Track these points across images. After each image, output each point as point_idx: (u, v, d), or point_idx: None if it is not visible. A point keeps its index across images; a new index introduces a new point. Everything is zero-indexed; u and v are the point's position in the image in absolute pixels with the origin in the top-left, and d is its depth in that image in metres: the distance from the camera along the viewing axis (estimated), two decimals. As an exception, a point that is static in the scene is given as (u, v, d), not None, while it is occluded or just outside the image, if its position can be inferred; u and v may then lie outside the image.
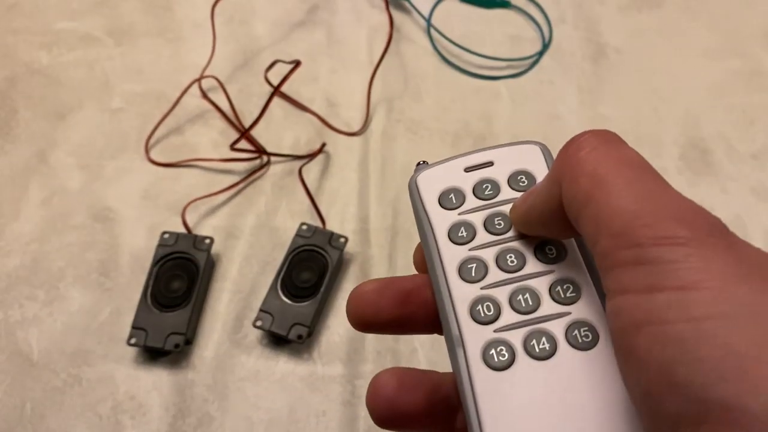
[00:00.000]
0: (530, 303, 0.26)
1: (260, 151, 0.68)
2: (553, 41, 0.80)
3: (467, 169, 0.29)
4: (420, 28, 0.80)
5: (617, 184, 0.21)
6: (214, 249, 0.63)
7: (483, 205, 0.28)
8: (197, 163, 0.69)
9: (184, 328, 0.57)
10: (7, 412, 0.56)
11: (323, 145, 0.70)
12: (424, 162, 0.30)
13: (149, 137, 0.70)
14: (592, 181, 0.22)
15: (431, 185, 0.29)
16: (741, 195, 0.70)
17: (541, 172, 0.28)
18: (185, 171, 0.69)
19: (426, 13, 0.80)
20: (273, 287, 0.59)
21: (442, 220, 0.28)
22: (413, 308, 0.28)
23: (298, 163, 0.68)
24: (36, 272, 0.62)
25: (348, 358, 0.59)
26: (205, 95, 0.73)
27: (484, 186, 0.28)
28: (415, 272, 0.30)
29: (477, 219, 0.28)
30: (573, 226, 0.23)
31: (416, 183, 0.29)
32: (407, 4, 0.81)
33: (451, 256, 0.27)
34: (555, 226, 0.25)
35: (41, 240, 0.64)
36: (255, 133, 0.70)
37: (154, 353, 0.59)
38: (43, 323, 0.60)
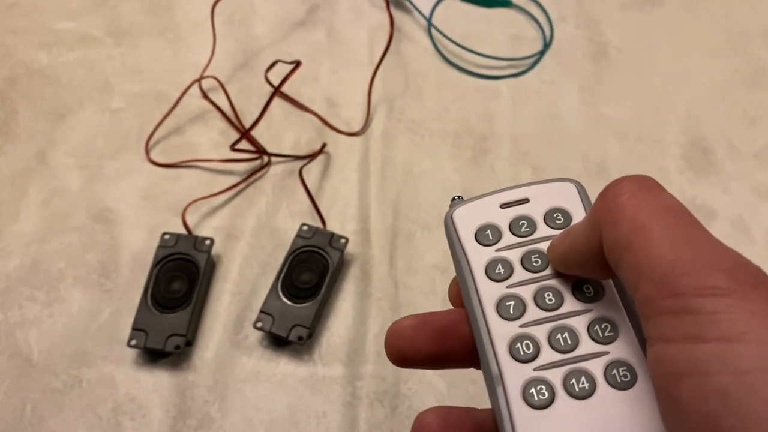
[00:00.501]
0: (569, 342, 0.26)
1: (261, 151, 0.68)
2: (554, 40, 0.79)
3: (503, 206, 0.29)
4: (421, 27, 0.80)
5: (657, 231, 0.22)
6: (215, 250, 0.63)
7: (520, 242, 0.28)
8: (197, 163, 0.69)
9: (184, 329, 0.57)
10: (7, 413, 0.56)
11: (324, 145, 0.69)
12: (459, 197, 0.31)
13: (149, 137, 0.70)
14: (632, 227, 0.22)
15: (467, 221, 0.29)
16: (743, 195, 0.69)
17: (576, 209, 0.29)
18: (185, 171, 0.68)
19: (427, 13, 0.80)
20: (273, 288, 0.59)
21: (479, 257, 0.28)
22: (450, 344, 0.28)
23: (298, 164, 0.68)
24: (36, 273, 0.62)
25: (348, 360, 0.59)
26: (205, 95, 0.73)
27: (520, 223, 0.29)
28: (450, 306, 0.30)
29: (514, 256, 0.28)
30: (612, 269, 0.23)
31: (452, 218, 0.30)
32: (408, 4, 0.80)
33: (489, 293, 0.27)
34: (594, 268, 0.25)
35: (41, 241, 0.64)
36: (255, 133, 0.70)
37: (154, 354, 0.58)
38: (43, 324, 0.60)
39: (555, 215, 0.28)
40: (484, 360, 0.27)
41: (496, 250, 0.28)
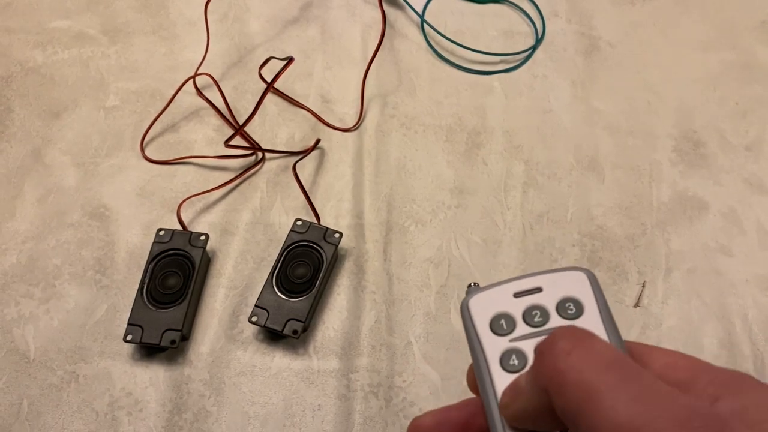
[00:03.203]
0: None
1: (255, 147, 0.69)
2: (546, 35, 0.80)
3: (516, 294, 0.30)
4: (413, 23, 0.81)
5: (604, 392, 0.21)
6: (210, 245, 0.63)
7: (533, 333, 0.29)
8: (192, 160, 0.69)
9: (180, 324, 0.57)
10: (4, 409, 0.56)
11: (317, 141, 0.70)
12: (475, 284, 0.31)
13: (144, 135, 0.70)
14: (578, 392, 0.22)
15: (482, 309, 0.30)
16: (735, 187, 0.70)
17: (587, 299, 0.29)
18: (180, 168, 0.69)
19: (419, 9, 0.80)
20: (268, 283, 0.60)
21: (494, 347, 0.29)
22: None
23: (292, 160, 0.68)
24: (32, 270, 0.62)
25: (343, 353, 0.59)
26: (199, 92, 0.73)
27: (533, 312, 0.29)
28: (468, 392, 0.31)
29: (528, 347, 0.28)
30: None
31: (468, 307, 0.30)
32: (401, 0, 0.81)
33: (504, 384, 0.28)
34: (549, 425, 0.25)
35: (37, 238, 0.64)
36: (249, 129, 0.70)
37: (150, 349, 0.59)
38: (39, 321, 0.60)
39: (567, 305, 0.29)
40: None
41: (510, 341, 0.29)
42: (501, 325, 0.29)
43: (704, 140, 0.73)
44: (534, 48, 0.79)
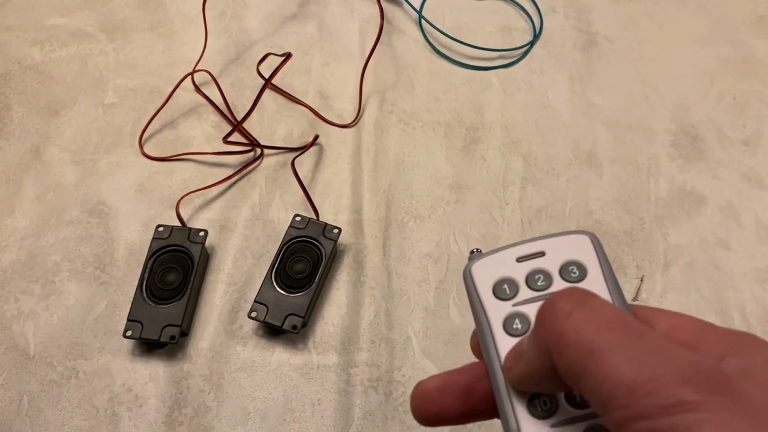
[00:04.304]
0: None
1: (253, 143, 0.69)
2: (544, 31, 0.80)
3: (519, 259, 0.29)
4: (411, 19, 0.81)
5: (605, 351, 0.21)
6: (209, 242, 0.63)
7: (536, 297, 0.28)
8: (191, 156, 0.69)
9: (179, 320, 0.58)
10: (4, 405, 0.56)
11: (316, 137, 0.70)
12: (477, 250, 0.31)
13: (143, 132, 0.70)
14: (579, 352, 0.22)
15: (485, 275, 0.29)
16: (732, 181, 0.70)
17: (591, 262, 0.29)
18: (179, 165, 0.69)
19: (417, 5, 0.80)
20: (267, 278, 0.60)
21: (497, 311, 0.28)
22: (475, 401, 0.28)
23: (291, 156, 0.68)
24: (31, 267, 0.63)
25: (343, 348, 0.59)
26: (198, 89, 0.73)
27: (536, 277, 0.29)
28: (473, 358, 0.30)
29: (531, 311, 0.28)
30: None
31: (470, 272, 0.30)
32: (398, -4, 0.81)
33: (507, 347, 0.27)
34: (553, 386, 0.25)
35: (36, 235, 0.64)
36: (248, 126, 0.70)
37: (150, 345, 0.59)
38: (39, 317, 0.60)
39: (570, 268, 0.29)
40: (503, 415, 0.27)
41: (514, 305, 0.28)
42: (504, 289, 0.29)
43: (702, 135, 0.73)
44: (532, 44, 0.79)
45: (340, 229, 0.62)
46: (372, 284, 0.63)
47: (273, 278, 0.60)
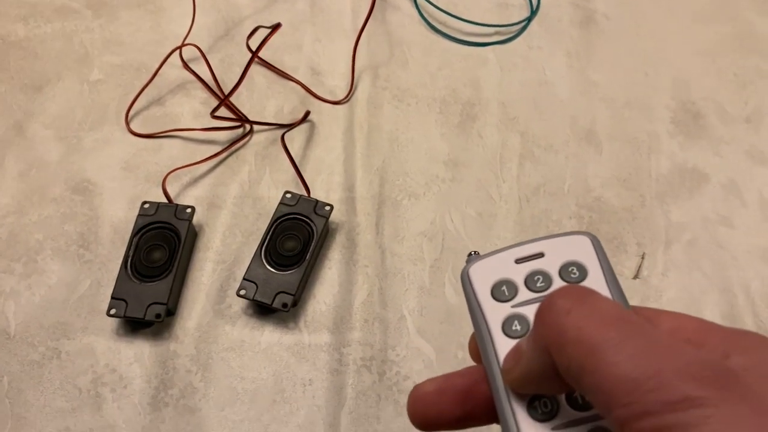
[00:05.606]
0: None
1: (242, 119, 0.67)
2: (542, 7, 0.78)
3: (518, 261, 0.29)
4: (406, -4, 0.79)
5: (606, 348, 0.21)
6: (197, 219, 0.61)
7: (536, 298, 0.28)
8: (178, 133, 0.67)
9: (165, 298, 0.56)
10: (-16, 386, 0.54)
11: (307, 112, 0.68)
12: (475, 252, 0.30)
13: (129, 108, 0.68)
14: (580, 350, 0.21)
15: (483, 277, 0.29)
16: (735, 158, 0.68)
17: (591, 263, 0.28)
18: (166, 141, 0.67)
19: (411, -19, 0.78)
20: (257, 256, 0.58)
21: (495, 314, 0.28)
22: (473, 405, 0.28)
23: (281, 132, 0.66)
24: (13, 245, 0.60)
25: (335, 327, 0.57)
26: (186, 65, 0.71)
27: (536, 278, 0.28)
28: (470, 362, 0.30)
29: (530, 312, 0.27)
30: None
31: (468, 274, 0.29)
32: (392, -28, 0.79)
33: (506, 350, 0.27)
34: (554, 387, 0.24)
35: (19, 213, 0.62)
36: (238, 102, 0.68)
37: (135, 324, 0.57)
38: (20, 297, 0.58)
39: (570, 269, 0.28)
40: (502, 419, 0.26)
41: (513, 306, 0.28)
42: (503, 291, 0.28)
43: (703, 112, 0.71)
44: (529, 19, 0.77)
45: (331, 206, 0.60)
46: (365, 263, 0.61)
47: (263, 255, 0.58)
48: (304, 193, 0.62)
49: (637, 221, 0.64)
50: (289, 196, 0.61)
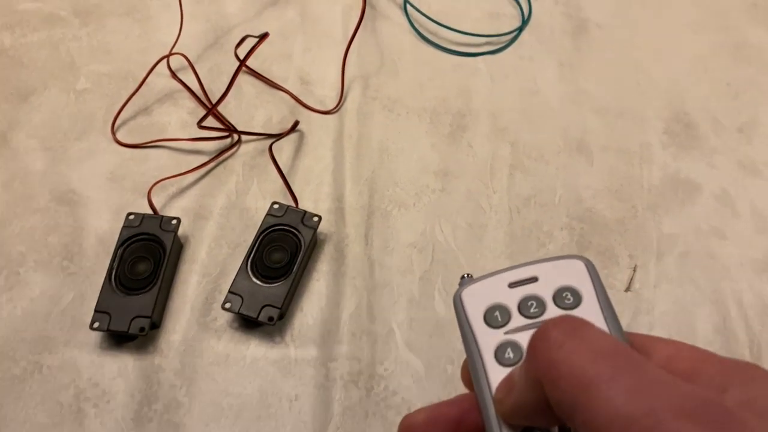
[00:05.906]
0: None
1: (230, 129, 0.66)
2: (533, 17, 0.78)
3: (511, 285, 0.28)
4: (396, 4, 0.78)
5: (599, 384, 0.20)
6: (183, 231, 0.60)
7: (529, 324, 0.27)
8: (165, 143, 0.66)
9: (149, 311, 0.55)
10: (-37, 401, 0.53)
11: (296, 122, 0.67)
12: (468, 275, 0.30)
13: (115, 118, 0.67)
14: (573, 384, 0.21)
15: (476, 301, 0.28)
16: (728, 169, 0.68)
17: (585, 288, 0.28)
18: (153, 152, 0.66)
19: (402, -10, 0.78)
20: (242, 268, 0.57)
21: (488, 340, 0.27)
22: None
23: (269, 142, 0.66)
24: (-5, 257, 0.59)
25: (322, 341, 0.57)
26: (173, 74, 0.70)
27: (529, 303, 0.28)
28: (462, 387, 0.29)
29: (523, 339, 0.27)
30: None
31: (461, 298, 0.29)
32: (383, -19, 0.78)
33: (499, 378, 0.26)
34: (545, 420, 0.23)
35: (1, 224, 0.61)
36: (226, 112, 0.68)
37: (119, 338, 0.56)
38: (2, 309, 0.57)
39: (564, 294, 0.28)
40: None
41: (506, 333, 0.27)
42: (495, 317, 0.28)
43: (696, 122, 0.71)
44: (520, 29, 0.76)
45: (320, 217, 0.59)
46: (353, 274, 0.60)
47: (249, 268, 0.57)
48: (292, 203, 0.62)
49: (628, 233, 0.63)
50: (276, 206, 0.60)
